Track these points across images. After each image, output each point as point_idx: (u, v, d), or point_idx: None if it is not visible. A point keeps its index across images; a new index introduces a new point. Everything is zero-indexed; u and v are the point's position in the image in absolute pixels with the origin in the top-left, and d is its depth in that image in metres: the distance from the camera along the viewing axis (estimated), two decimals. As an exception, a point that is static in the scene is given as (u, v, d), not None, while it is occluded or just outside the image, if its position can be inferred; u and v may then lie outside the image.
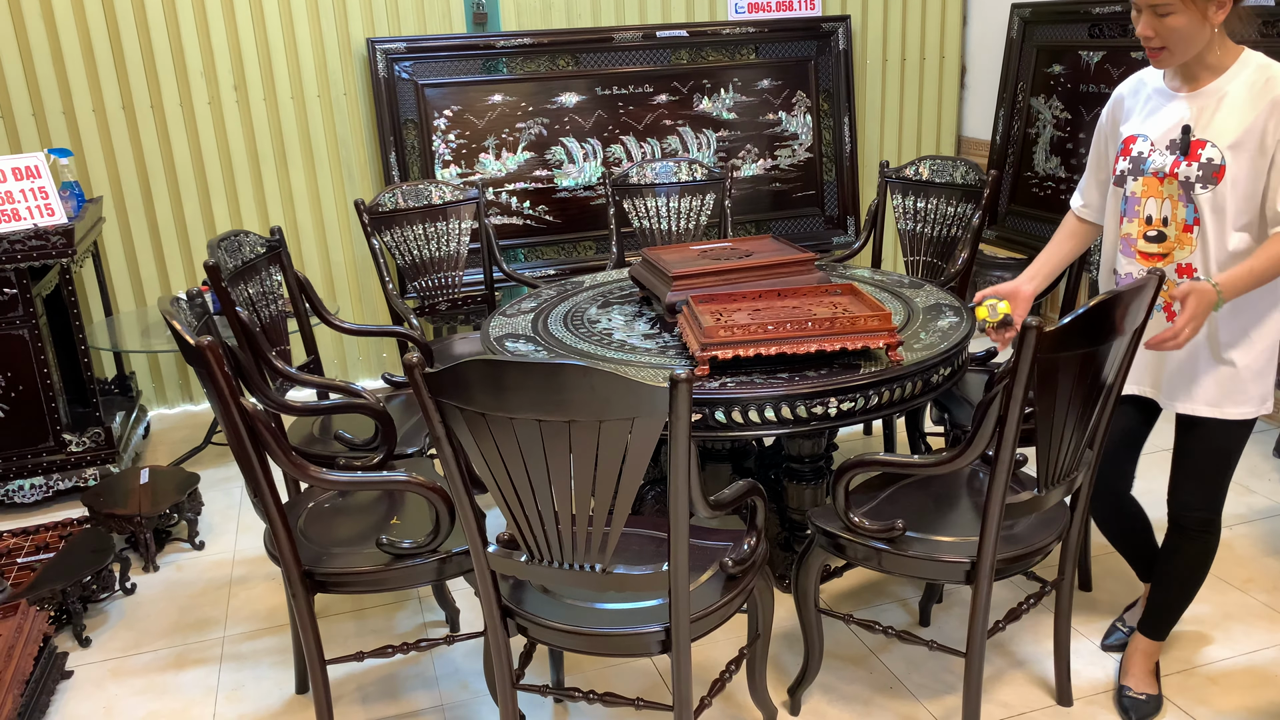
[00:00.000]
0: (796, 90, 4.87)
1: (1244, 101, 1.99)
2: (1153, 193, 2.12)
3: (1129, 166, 2.17)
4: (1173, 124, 2.09)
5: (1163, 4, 1.93)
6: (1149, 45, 2.01)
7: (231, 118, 4.26)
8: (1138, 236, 2.16)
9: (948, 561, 2.11)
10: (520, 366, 1.60)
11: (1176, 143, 2.08)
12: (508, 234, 4.55)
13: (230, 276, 2.71)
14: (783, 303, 2.65)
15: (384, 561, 2.12)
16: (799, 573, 2.30)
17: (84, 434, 3.59)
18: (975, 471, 2.45)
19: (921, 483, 2.41)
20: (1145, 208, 2.14)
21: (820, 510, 2.28)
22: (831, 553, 2.23)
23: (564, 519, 1.74)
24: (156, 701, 2.55)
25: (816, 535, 2.24)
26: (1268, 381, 2.14)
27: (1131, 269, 2.19)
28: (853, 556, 2.20)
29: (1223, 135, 2.00)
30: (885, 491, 2.37)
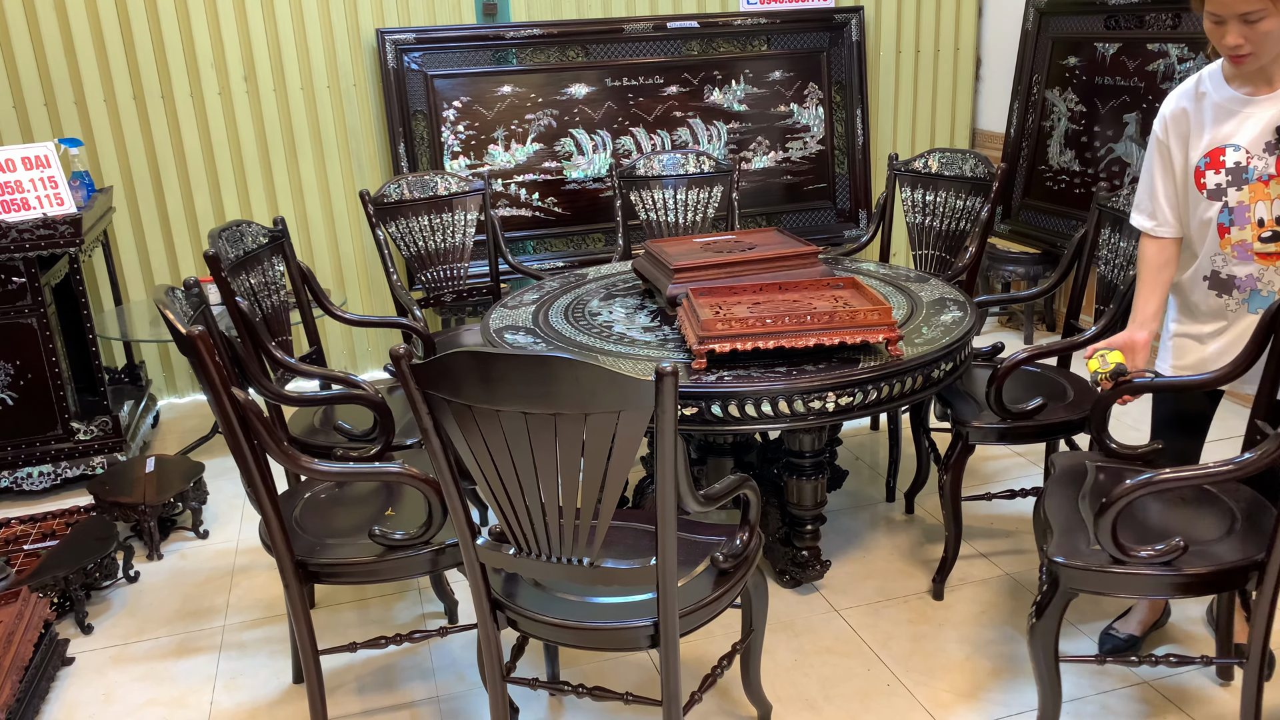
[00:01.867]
0: (809, 82, 4.83)
1: None
2: (1260, 196, 2.13)
3: (1227, 179, 2.16)
4: (1264, 127, 2.09)
5: (1255, 10, 1.95)
6: (1237, 52, 2.02)
7: (241, 108, 4.27)
8: (1253, 240, 2.16)
9: (1229, 570, 1.94)
10: (506, 358, 1.59)
11: (1273, 144, 2.09)
12: (516, 225, 4.54)
13: (231, 266, 2.71)
14: (783, 296, 2.63)
15: (377, 553, 2.12)
16: (1041, 627, 2.03)
17: (92, 423, 3.61)
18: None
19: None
20: (1255, 212, 2.14)
21: (1062, 547, 2.01)
22: (1089, 591, 1.99)
23: (551, 512, 1.73)
24: (156, 689, 2.56)
25: (1065, 578, 1.99)
26: None
27: (1251, 270, 2.18)
28: (1116, 589, 1.98)
29: None
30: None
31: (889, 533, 3.14)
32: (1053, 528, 2.08)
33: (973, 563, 2.93)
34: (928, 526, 3.16)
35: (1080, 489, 2.23)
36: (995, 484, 3.39)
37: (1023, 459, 3.57)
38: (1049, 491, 2.22)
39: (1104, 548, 1.93)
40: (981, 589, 2.80)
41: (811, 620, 2.70)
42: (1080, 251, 2.95)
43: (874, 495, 3.39)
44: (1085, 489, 2.22)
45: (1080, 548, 2.00)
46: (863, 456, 3.69)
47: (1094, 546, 1.98)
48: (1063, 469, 2.31)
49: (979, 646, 2.56)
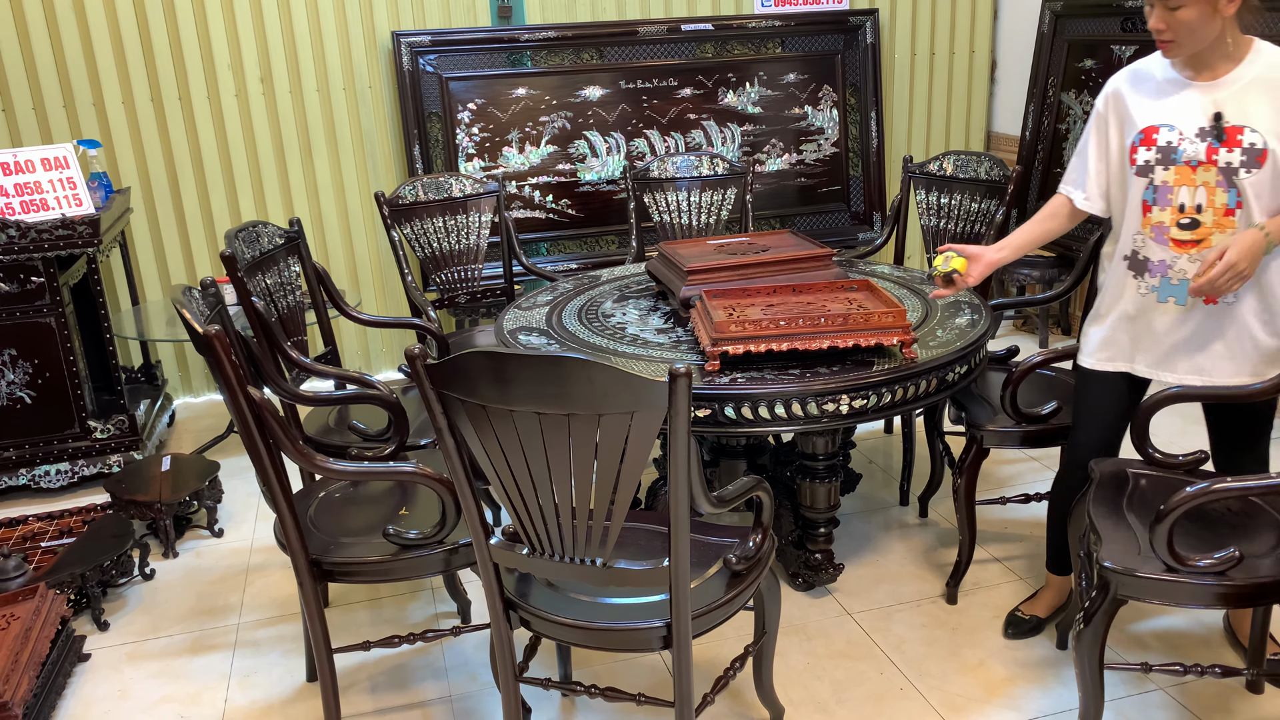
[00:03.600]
0: (823, 84, 4.83)
1: (1272, 86, 2.04)
2: (1185, 181, 2.13)
3: (1156, 157, 2.17)
4: (1199, 112, 2.11)
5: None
6: (1160, 37, 2.08)
7: (258, 110, 4.29)
8: (1170, 224, 2.17)
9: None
10: (521, 359, 1.60)
11: (1208, 130, 2.10)
12: (530, 228, 4.55)
13: (247, 267, 2.73)
14: (797, 298, 2.62)
15: (390, 552, 2.13)
16: (1088, 634, 2.01)
17: (109, 421, 3.63)
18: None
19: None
20: (1178, 196, 2.15)
21: (1113, 553, 1.99)
22: (1139, 599, 1.95)
23: (564, 513, 1.73)
24: (170, 685, 2.58)
25: (1116, 585, 1.96)
26: None
27: (1164, 256, 2.20)
28: (1168, 597, 1.94)
29: (1260, 119, 2.05)
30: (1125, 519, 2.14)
31: (902, 536, 3.13)
32: (1100, 534, 2.06)
33: (986, 567, 2.92)
34: (941, 530, 3.16)
35: (1124, 495, 2.22)
36: (1009, 488, 3.38)
37: (1037, 463, 3.56)
38: (1094, 497, 2.21)
39: (1158, 555, 1.92)
40: (995, 593, 2.79)
41: (824, 623, 2.70)
42: (1095, 255, 2.93)
43: (887, 499, 3.38)
44: (1128, 496, 2.21)
45: (1131, 555, 1.99)
46: (876, 460, 3.68)
47: (1146, 554, 1.97)
48: (1104, 475, 2.30)
49: (993, 651, 2.55)
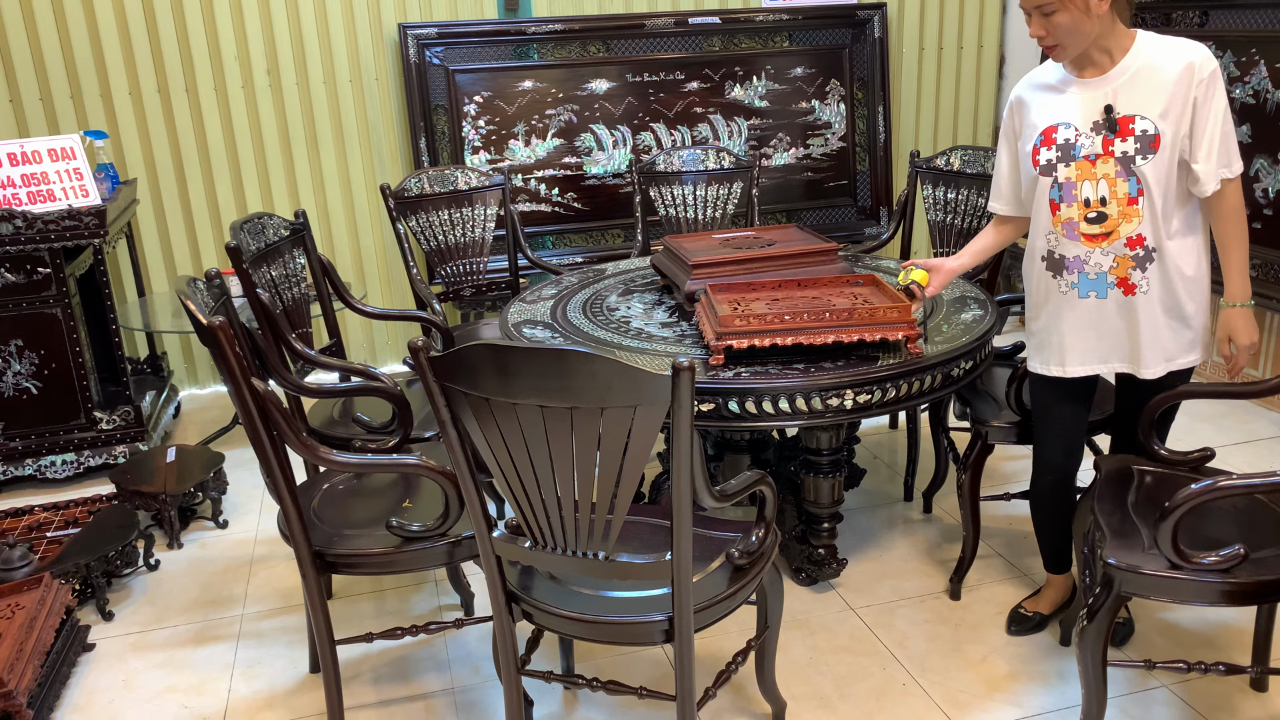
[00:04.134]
0: (830, 79, 4.81)
1: (1156, 72, 2.10)
2: (1087, 175, 2.19)
3: (1057, 155, 2.22)
4: (1091, 108, 2.17)
5: (1046, 3, 2.06)
6: (1043, 44, 2.14)
7: (264, 102, 4.29)
8: (1079, 219, 2.22)
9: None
10: (523, 352, 1.60)
11: (1101, 123, 2.16)
12: (536, 221, 4.55)
13: (253, 259, 2.73)
14: (802, 293, 2.62)
15: (393, 544, 2.13)
16: (1091, 630, 2.00)
17: (114, 412, 3.64)
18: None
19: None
20: (1082, 191, 2.20)
21: (1118, 550, 1.98)
22: (1143, 596, 1.96)
23: (567, 506, 1.73)
24: (174, 676, 2.59)
25: (1120, 582, 1.96)
26: (1204, 319, 2.28)
27: (1078, 251, 2.24)
28: (1172, 595, 1.93)
29: (1149, 106, 2.11)
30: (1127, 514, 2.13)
31: (906, 532, 3.13)
32: (1105, 530, 2.06)
33: (990, 563, 2.92)
34: (945, 526, 3.15)
35: (1128, 492, 2.21)
36: (1013, 484, 3.37)
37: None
38: (1099, 494, 2.20)
39: (1163, 553, 1.91)
40: (999, 589, 2.79)
41: (827, 618, 2.69)
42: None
43: (892, 494, 3.38)
44: (1133, 492, 2.21)
45: (1136, 552, 1.98)
46: (881, 455, 3.67)
47: (1151, 551, 1.96)
48: (1109, 472, 2.29)
49: (996, 647, 2.55)
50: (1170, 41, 2.13)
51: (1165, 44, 2.13)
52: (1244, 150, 3.74)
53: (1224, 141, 2.10)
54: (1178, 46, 2.11)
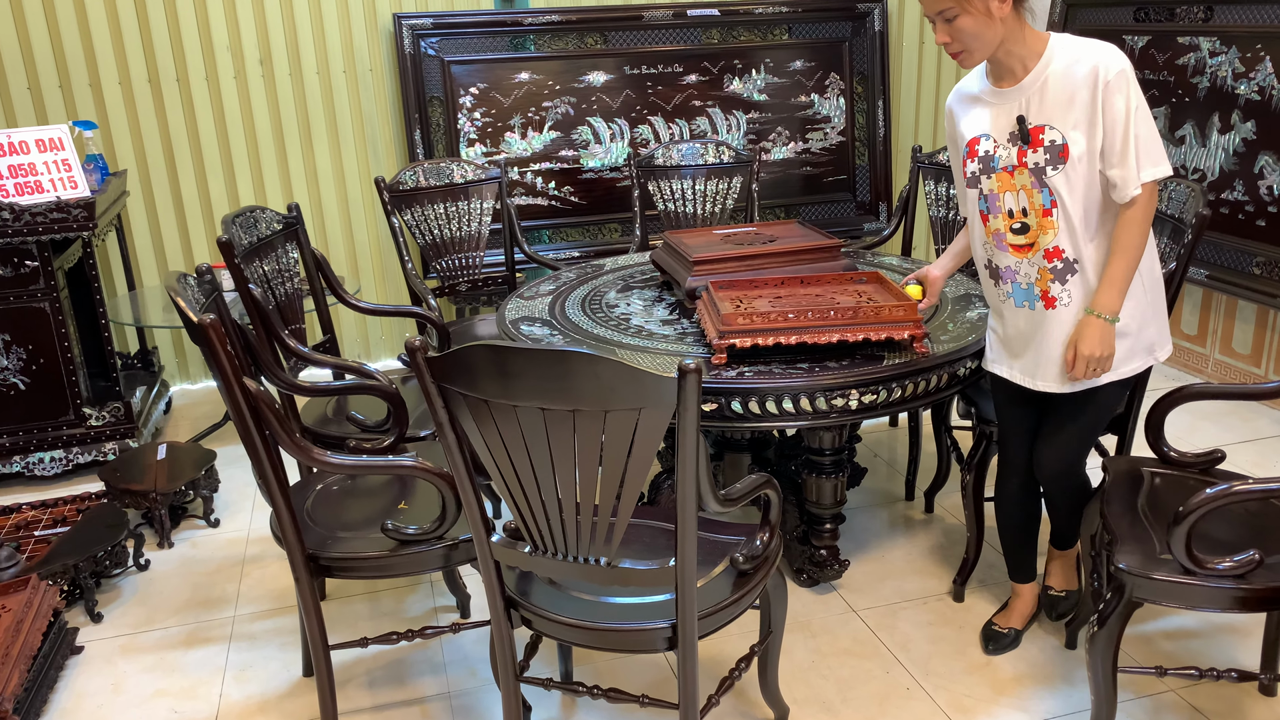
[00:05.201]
0: (830, 72, 4.76)
1: (1066, 80, 2.03)
2: (1007, 186, 2.15)
3: (979, 167, 2.19)
4: (1007, 118, 2.12)
5: (947, 8, 2.01)
6: (949, 50, 2.09)
7: (257, 93, 4.23)
8: (1005, 230, 2.18)
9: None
10: (525, 353, 1.55)
11: (1016, 134, 2.11)
12: (532, 215, 4.50)
13: (245, 253, 2.67)
14: (805, 290, 2.57)
15: (389, 547, 2.09)
16: (1102, 637, 1.96)
17: (104, 408, 3.58)
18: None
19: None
20: (1004, 202, 2.16)
21: (1129, 555, 1.94)
22: (1155, 601, 1.91)
23: (568, 510, 1.69)
24: (165, 679, 2.54)
25: (1132, 587, 1.92)
26: (1150, 333, 2.19)
27: (1009, 261, 2.20)
28: (1186, 600, 1.90)
29: (1057, 116, 2.05)
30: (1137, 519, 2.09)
31: (908, 532, 3.09)
32: (1115, 534, 2.02)
33: (994, 564, 2.88)
34: (948, 526, 3.11)
35: (1138, 495, 2.17)
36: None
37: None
38: (1108, 497, 2.16)
39: (1176, 558, 1.87)
40: (1003, 590, 2.75)
41: (829, 621, 2.65)
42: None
43: (893, 493, 3.34)
44: (1143, 495, 2.17)
45: (1148, 557, 1.94)
46: (881, 453, 3.63)
47: (1163, 556, 1.93)
48: (1117, 474, 2.25)
49: (1000, 650, 2.51)
50: (1080, 45, 2.04)
51: (1075, 48, 2.04)
52: (1249, 147, 3.71)
53: (1140, 145, 2.00)
54: (1086, 50, 2.02)
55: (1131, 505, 2.14)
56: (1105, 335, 2.09)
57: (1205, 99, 3.89)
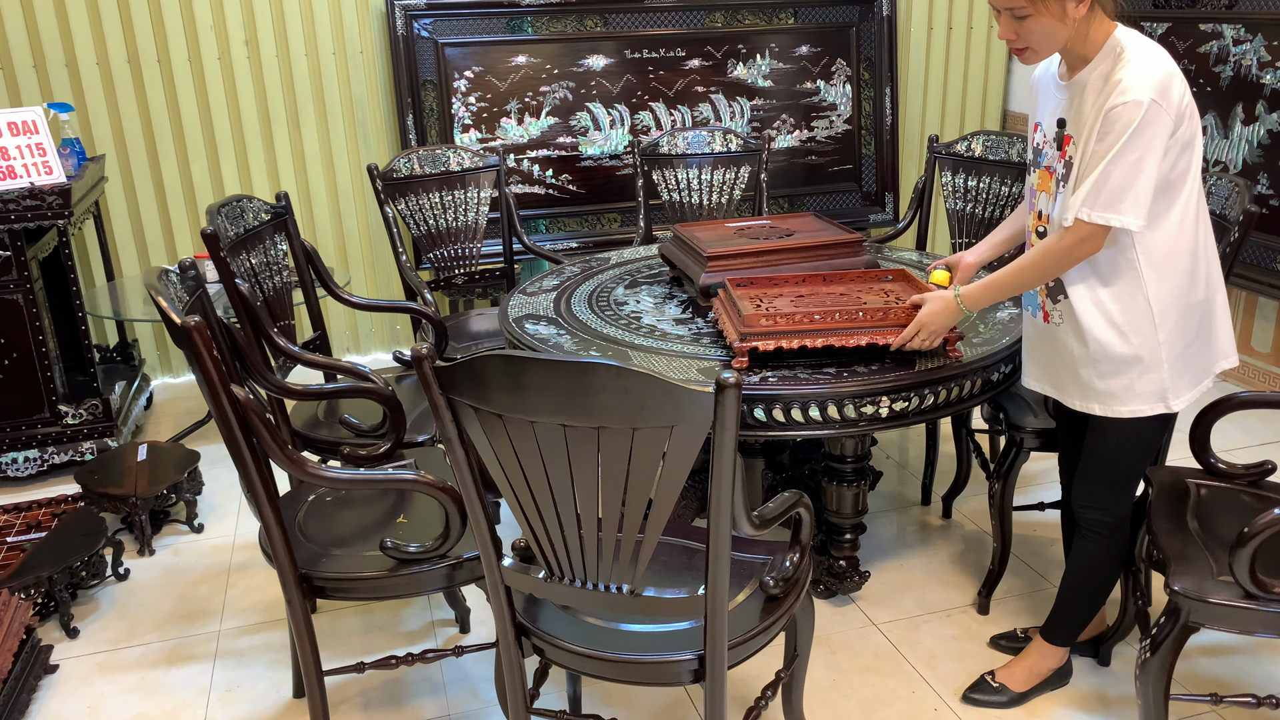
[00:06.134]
0: (836, 58, 4.61)
1: (1096, 91, 1.84)
2: (1044, 186, 2.00)
3: (1031, 157, 2.07)
4: (1055, 115, 1.97)
5: (1018, 6, 1.83)
6: (1012, 46, 1.91)
7: (242, 75, 4.04)
8: (1033, 230, 2.05)
9: None
10: (544, 364, 1.40)
11: (1057, 136, 1.96)
12: (528, 204, 4.33)
13: (231, 245, 2.51)
14: (828, 289, 2.43)
15: (387, 566, 1.94)
16: (1155, 663, 1.86)
17: (81, 405, 3.41)
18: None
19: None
20: (1039, 201, 2.02)
21: (1184, 577, 1.83)
22: (1212, 627, 1.80)
23: (589, 535, 1.54)
24: (145, 701, 2.38)
25: (1189, 611, 1.81)
26: (1161, 377, 1.93)
27: None
28: (1249, 626, 1.78)
29: (1083, 130, 1.87)
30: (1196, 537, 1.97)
31: (926, 539, 2.96)
32: (1169, 554, 1.89)
33: (1018, 572, 2.75)
34: (967, 533, 2.98)
35: (1185, 510, 2.04)
36: (1037, 487, 3.21)
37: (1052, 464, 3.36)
38: (1155, 514, 2.03)
39: (1239, 581, 1.74)
40: (1029, 602, 2.63)
41: (848, 635, 2.52)
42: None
43: (908, 497, 3.21)
44: (1191, 510, 2.04)
45: (1205, 579, 1.82)
46: (894, 455, 3.50)
47: (1222, 578, 1.80)
48: (1161, 486, 2.12)
49: (1031, 669, 2.38)
50: (1133, 52, 1.80)
51: (1117, 63, 1.81)
52: (1274, 139, 3.58)
53: (1104, 184, 1.78)
54: (1132, 60, 1.78)
55: (1180, 521, 2.01)
56: (948, 314, 2.08)
57: (1228, 89, 3.76)
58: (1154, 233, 1.87)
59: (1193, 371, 1.98)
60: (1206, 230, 1.95)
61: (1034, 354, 2.12)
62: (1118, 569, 2.15)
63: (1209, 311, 1.97)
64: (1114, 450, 2.02)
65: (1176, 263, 1.89)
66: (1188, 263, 1.90)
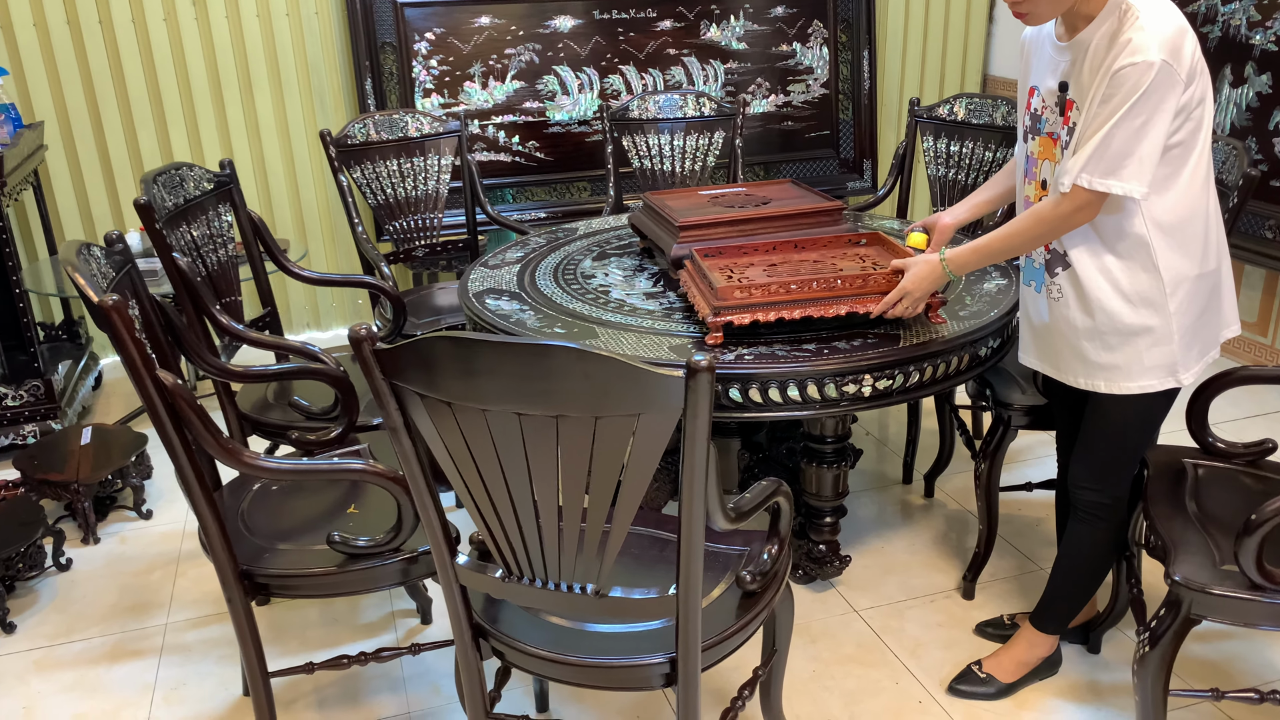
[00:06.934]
0: (813, 19, 4.45)
1: (1102, 51, 1.70)
2: (1047, 155, 1.88)
3: (1030, 123, 1.92)
4: (1055, 78, 1.84)
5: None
6: (1017, 9, 1.77)
7: (190, 37, 3.84)
8: (1034, 200, 1.90)
9: None
10: (498, 347, 1.26)
11: (1059, 100, 1.83)
12: (494, 171, 4.16)
13: (169, 217, 2.34)
14: (801, 256, 2.30)
15: (336, 562, 1.80)
16: (1154, 658, 1.76)
17: (22, 387, 3.24)
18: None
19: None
20: (1041, 171, 1.89)
21: (1186, 565, 1.71)
22: (1215, 619, 1.69)
23: (549, 532, 1.41)
24: (85, 701, 2.24)
25: (1190, 603, 1.70)
26: (1171, 350, 1.81)
27: None
28: (1256, 619, 1.68)
29: (1085, 93, 1.73)
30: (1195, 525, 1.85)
31: (908, 520, 2.85)
32: (1169, 541, 1.78)
33: (1004, 555, 2.65)
34: (950, 513, 2.88)
35: (1183, 492, 1.93)
36: (1023, 464, 3.11)
37: (1046, 437, 3.28)
38: (1152, 497, 1.92)
39: (1245, 572, 1.64)
40: (1016, 585, 2.53)
41: (829, 623, 2.41)
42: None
43: (889, 475, 3.10)
44: (1189, 493, 1.93)
45: (1208, 568, 1.71)
46: (874, 431, 3.39)
47: (1225, 567, 1.69)
48: (1157, 467, 2.01)
49: (1018, 656, 2.28)
50: (1145, 9, 1.65)
51: (1122, 21, 1.66)
52: (1264, 102, 3.47)
53: (1105, 149, 1.66)
54: (1142, 18, 1.64)
55: (1179, 504, 1.90)
56: (933, 279, 1.97)
57: (1216, 50, 3.64)
58: (1163, 197, 1.74)
59: (1201, 342, 1.87)
60: (1215, 194, 1.83)
61: (1032, 330, 2.00)
62: (1113, 554, 2.05)
63: (1218, 280, 1.86)
64: (1117, 429, 1.91)
65: (1188, 229, 1.77)
66: (1200, 228, 1.78)
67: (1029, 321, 2.01)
